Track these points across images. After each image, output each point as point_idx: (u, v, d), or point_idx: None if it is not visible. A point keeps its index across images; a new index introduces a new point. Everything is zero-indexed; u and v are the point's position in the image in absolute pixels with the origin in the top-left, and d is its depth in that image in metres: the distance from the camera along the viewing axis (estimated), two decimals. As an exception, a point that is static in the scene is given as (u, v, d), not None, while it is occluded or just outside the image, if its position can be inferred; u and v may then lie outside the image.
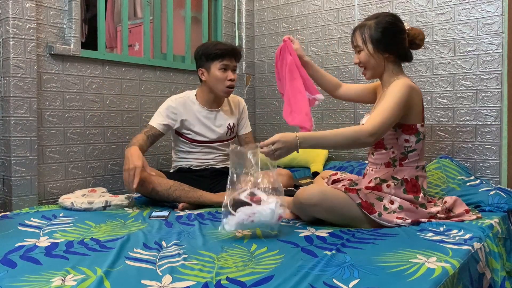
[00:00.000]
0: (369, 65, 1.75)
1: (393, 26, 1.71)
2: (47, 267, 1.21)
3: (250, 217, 1.45)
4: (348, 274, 1.15)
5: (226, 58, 2.15)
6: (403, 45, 1.74)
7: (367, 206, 1.62)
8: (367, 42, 1.71)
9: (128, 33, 2.64)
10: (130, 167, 1.88)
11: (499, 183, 2.24)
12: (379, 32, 1.69)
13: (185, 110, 2.21)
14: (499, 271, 1.44)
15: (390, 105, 1.60)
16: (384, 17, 1.73)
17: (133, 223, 1.74)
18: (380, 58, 1.72)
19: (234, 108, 2.36)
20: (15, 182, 2.07)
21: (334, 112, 2.84)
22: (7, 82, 2.06)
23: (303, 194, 1.64)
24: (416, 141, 1.70)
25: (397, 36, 1.72)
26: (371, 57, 1.72)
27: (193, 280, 1.12)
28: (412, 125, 1.69)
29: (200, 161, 2.27)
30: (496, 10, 2.24)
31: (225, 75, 2.15)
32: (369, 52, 1.72)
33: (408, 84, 1.65)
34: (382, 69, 1.75)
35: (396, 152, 1.71)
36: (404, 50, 1.75)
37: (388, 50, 1.71)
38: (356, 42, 1.75)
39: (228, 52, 2.15)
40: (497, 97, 2.25)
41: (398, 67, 1.77)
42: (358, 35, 1.74)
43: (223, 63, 2.14)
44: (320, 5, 2.88)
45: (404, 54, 1.76)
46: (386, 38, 1.70)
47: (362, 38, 1.73)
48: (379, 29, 1.70)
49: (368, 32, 1.71)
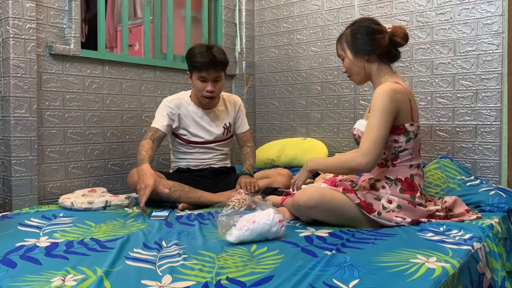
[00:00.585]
0: (352, 71, 1.80)
1: (367, 29, 1.74)
2: (47, 267, 1.21)
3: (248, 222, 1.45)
4: (348, 274, 1.15)
5: (203, 71, 2.10)
6: (381, 45, 1.73)
7: (366, 206, 1.62)
8: (346, 49, 1.78)
9: (128, 33, 2.64)
10: (142, 186, 1.86)
11: (499, 183, 2.24)
12: (355, 38, 1.75)
13: (181, 111, 2.21)
14: (499, 271, 1.44)
15: (375, 122, 1.62)
16: (359, 22, 1.79)
17: (133, 223, 1.74)
18: (361, 63, 1.76)
19: (230, 108, 2.35)
20: (15, 182, 2.07)
21: (334, 112, 2.84)
22: (7, 82, 2.06)
23: (301, 196, 1.64)
24: (406, 140, 1.70)
25: (372, 38, 1.73)
26: (352, 63, 1.78)
27: (193, 280, 1.12)
28: (400, 126, 1.68)
29: (198, 161, 2.27)
30: (496, 10, 2.24)
31: (203, 86, 2.13)
32: (349, 59, 1.78)
33: (390, 89, 1.63)
34: (367, 72, 1.77)
35: (387, 153, 1.71)
36: (383, 49, 1.75)
37: (366, 52, 1.74)
38: (338, 52, 1.83)
39: (206, 65, 2.08)
40: (497, 97, 2.25)
41: (385, 66, 1.77)
42: (338, 45, 1.83)
43: (200, 74, 2.11)
44: (320, 5, 2.88)
45: (385, 54, 1.76)
46: (361, 42, 1.73)
47: (341, 47, 1.80)
48: (354, 35, 1.75)
49: (345, 39, 1.79)
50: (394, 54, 1.79)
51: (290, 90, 3.04)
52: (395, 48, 1.77)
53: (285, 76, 3.06)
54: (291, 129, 3.03)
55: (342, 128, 2.81)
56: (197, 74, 2.12)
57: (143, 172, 1.90)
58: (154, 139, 2.11)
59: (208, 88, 2.12)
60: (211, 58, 2.09)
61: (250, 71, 3.20)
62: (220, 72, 2.14)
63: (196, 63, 2.10)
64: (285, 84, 3.06)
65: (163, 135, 2.15)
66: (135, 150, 2.57)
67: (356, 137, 1.80)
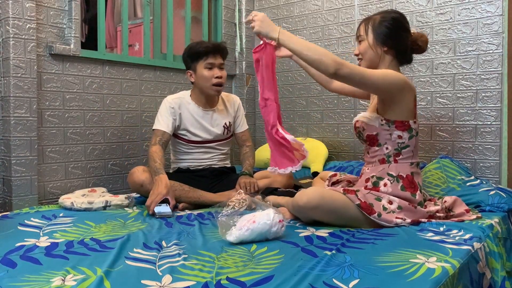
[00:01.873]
0: (366, 56, 1.78)
1: (397, 22, 1.74)
2: (47, 267, 1.21)
3: (248, 222, 1.45)
4: (348, 274, 1.15)
5: (210, 56, 2.14)
6: (404, 43, 1.75)
7: (366, 207, 1.62)
8: (369, 33, 1.76)
9: (128, 33, 2.64)
10: (155, 192, 1.88)
11: (499, 183, 2.24)
12: (382, 25, 1.74)
13: (182, 110, 2.21)
14: (499, 271, 1.44)
15: (378, 72, 1.63)
16: (391, 13, 1.78)
17: (133, 223, 1.74)
18: (378, 51, 1.75)
19: (229, 107, 2.35)
20: (15, 182, 2.07)
21: (334, 112, 2.84)
22: (7, 82, 2.06)
23: (302, 198, 1.64)
24: (409, 137, 1.71)
25: (398, 33, 1.74)
26: (369, 48, 1.76)
27: (193, 280, 1.12)
28: (404, 121, 1.70)
29: (198, 161, 2.27)
30: (496, 10, 2.24)
31: (211, 73, 2.14)
32: (369, 42, 1.76)
33: (404, 77, 1.68)
34: (377, 62, 1.76)
35: (390, 148, 1.72)
36: (404, 48, 1.76)
37: (387, 44, 1.74)
38: (359, 32, 1.80)
39: (211, 50, 2.14)
40: (497, 97, 2.25)
41: (396, 65, 1.78)
42: (362, 26, 1.80)
43: (207, 61, 2.14)
44: (320, 5, 2.88)
45: (403, 53, 1.77)
46: (387, 32, 1.73)
47: (365, 29, 1.78)
48: (383, 22, 1.74)
49: (372, 24, 1.76)
50: (409, 56, 1.80)
51: (290, 90, 3.04)
52: (412, 51, 1.79)
53: (285, 76, 3.06)
54: (291, 129, 3.03)
55: (342, 128, 2.81)
56: (203, 63, 2.14)
57: (160, 181, 1.92)
58: (162, 143, 2.11)
59: (217, 73, 2.14)
60: (214, 44, 2.20)
61: (250, 71, 3.20)
62: (223, 59, 2.20)
63: (201, 50, 2.13)
64: (285, 84, 3.06)
65: (169, 137, 2.17)
66: (135, 150, 2.58)
67: (360, 129, 1.78)
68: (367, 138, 1.76)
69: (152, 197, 1.87)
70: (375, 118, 1.72)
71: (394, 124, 1.70)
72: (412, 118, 1.72)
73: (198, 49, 2.14)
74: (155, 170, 1.99)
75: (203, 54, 2.13)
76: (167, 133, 2.14)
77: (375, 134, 1.73)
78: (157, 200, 1.86)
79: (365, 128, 1.75)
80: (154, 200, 1.86)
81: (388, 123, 1.70)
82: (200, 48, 2.14)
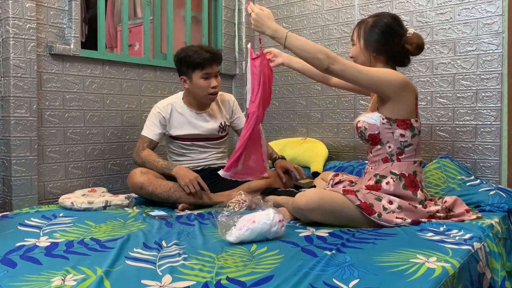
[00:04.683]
0: (358, 60, 1.79)
1: (388, 28, 1.73)
2: (47, 267, 1.21)
3: (248, 222, 1.45)
4: (348, 274, 1.15)
5: (207, 66, 2.10)
6: (394, 49, 1.74)
7: (366, 208, 1.62)
8: (361, 38, 1.76)
9: (128, 33, 2.64)
10: (191, 178, 2.00)
11: (499, 183, 2.24)
12: (373, 31, 1.73)
13: (173, 117, 2.20)
14: (499, 271, 1.44)
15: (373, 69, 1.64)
16: (383, 17, 1.75)
17: (133, 223, 1.74)
18: (368, 56, 1.75)
19: (223, 107, 2.34)
20: (15, 182, 2.07)
21: (334, 112, 2.84)
22: (7, 82, 2.06)
23: (301, 199, 1.64)
24: (411, 136, 1.72)
25: (388, 39, 1.72)
26: (360, 53, 1.77)
27: (193, 280, 1.12)
28: (406, 120, 1.71)
29: (196, 162, 2.26)
30: (496, 10, 2.24)
31: (208, 83, 2.12)
32: (359, 47, 1.77)
33: (404, 76, 1.68)
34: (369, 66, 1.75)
35: (393, 146, 1.72)
36: (394, 54, 1.75)
37: (376, 50, 1.74)
38: (352, 36, 1.81)
39: (209, 60, 2.10)
40: (497, 97, 2.25)
41: (390, 68, 1.76)
42: (356, 30, 1.80)
43: (204, 71, 2.10)
44: (320, 5, 2.88)
45: (394, 58, 1.76)
46: (377, 38, 1.73)
47: (357, 33, 1.78)
48: (374, 28, 1.73)
49: (363, 28, 1.76)
50: (402, 60, 1.78)
51: (290, 90, 3.04)
52: (406, 55, 1.77)
53: (285, 76, 3.06)
54: (291, 129, 3.03)
55: (342, 128, 2.81)
56: (200, 73, 2.11)
57: (181, 169, 2.05)
58: (151, 149, 2.17)
59: (213, 83, 2.13)
60: (211, 53, 2.13)
61: (250, 71, 3.19)
62: (218, 67, 2.19)
63: (199, 61, 2.09)
64: (285, 84, 3.06)
65: (156, 145, 2.21)
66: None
67: (361, 129, 1.78)
68: (369, 138, 1.76)
69: (193, 182, 2.00)
70: (376, 117, 1.72)
71: (395, 123, 1.70)
72: (413, 117, 1.72)
73: (195, 60, 2.09)
74: (164, 167, 2.07)
75: (200, 65, 2.10)
76: (154, 141, 2.18)
77: (377, 133, 1.73)
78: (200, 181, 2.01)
79: (366, 128, 1.75)
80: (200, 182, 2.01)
81: (390, 121, 1.70)
82: (198, 59, 2.09)
